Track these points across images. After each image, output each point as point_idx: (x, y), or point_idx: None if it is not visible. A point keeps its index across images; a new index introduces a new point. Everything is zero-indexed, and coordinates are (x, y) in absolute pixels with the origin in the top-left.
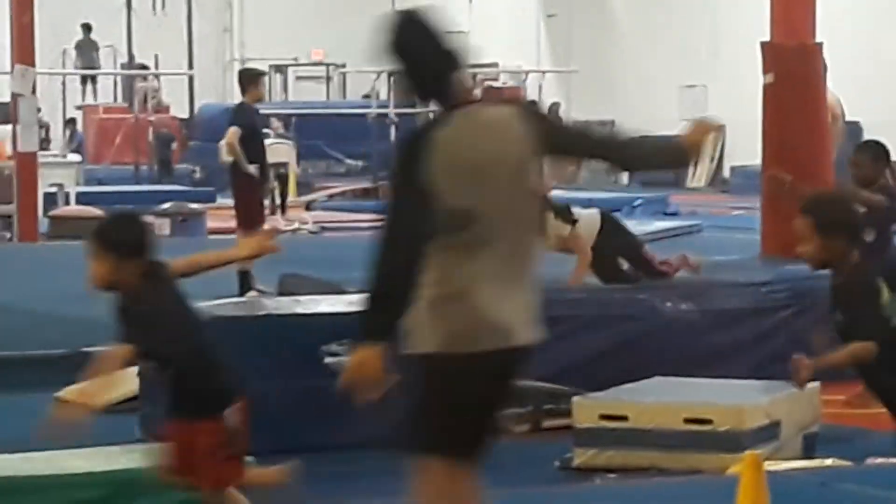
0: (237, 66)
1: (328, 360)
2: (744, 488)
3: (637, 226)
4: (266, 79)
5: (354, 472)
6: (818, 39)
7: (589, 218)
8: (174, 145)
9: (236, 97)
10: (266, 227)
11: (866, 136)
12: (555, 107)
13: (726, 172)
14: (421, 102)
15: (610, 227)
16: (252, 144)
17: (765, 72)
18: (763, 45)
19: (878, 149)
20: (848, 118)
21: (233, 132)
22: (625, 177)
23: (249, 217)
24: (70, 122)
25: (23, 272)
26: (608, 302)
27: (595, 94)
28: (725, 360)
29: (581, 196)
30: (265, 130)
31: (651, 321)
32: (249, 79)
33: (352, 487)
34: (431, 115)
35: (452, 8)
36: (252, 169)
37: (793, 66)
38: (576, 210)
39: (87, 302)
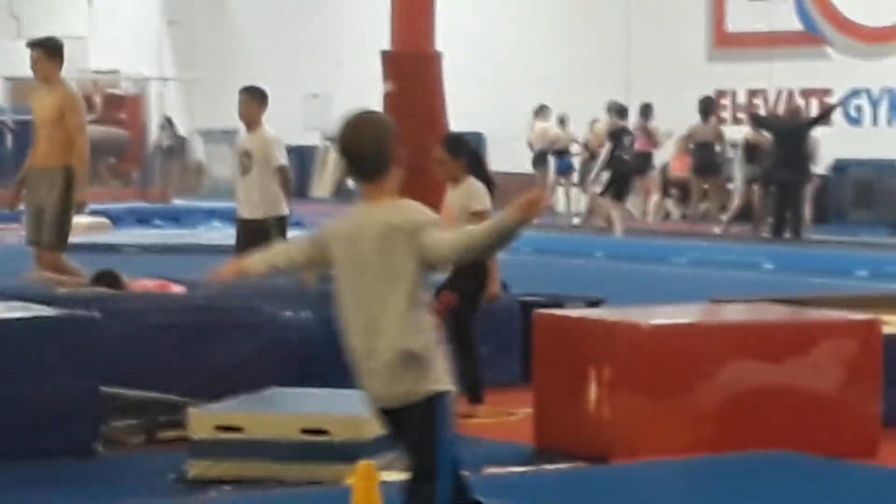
0: None
1: None
2: (356, 498)
3: None
4: None
5: None
6: (438, 49)
7: None
8: None
9: None
10: None
11: (490, 148)
12: (167, 121)
13: (350, 182)
14: None
15: None
16: None
17: (385, 80)
18: (383, 53)
19: (457, 143)
20: (469, 129)
21: None
22: None
23: None
24: None
25: None
26: (227, 309)
27: (219, 102)
28: (346, 371)
29: (206, 206)
30: None
31: (271, 330)
32: None
33: None
34: None
35: (70, 12)
36: None
37: (412, 75)
38: None
39: None
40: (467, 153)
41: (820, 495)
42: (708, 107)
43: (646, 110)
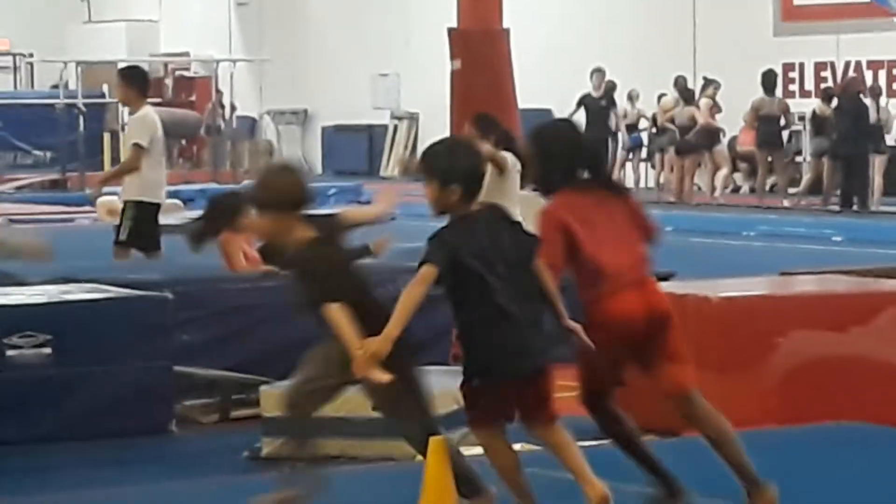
0: None
1: (10, 352)
2: (429, 473)
3: None
4: None
5: (39, 467)
6: (506, 25)
7: None
8: None
9: None
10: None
11: None
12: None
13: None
14: None
15: None
16: None
17: (452, 58)
18: (450, 31)
19: (487, 122)
20: (537, 106)
21: None
22: (318, 166)
23: None
24: None
25: None
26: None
27: (288, 83)
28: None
29: None
30: None
31: None
32: None
33: (38, 482)
34: None
35: None
36: None
37: (479, 52)
38: None
39: None
40: (497, 132)
41: (890, 466)
42: (771, 80)
43: (706, 85)
